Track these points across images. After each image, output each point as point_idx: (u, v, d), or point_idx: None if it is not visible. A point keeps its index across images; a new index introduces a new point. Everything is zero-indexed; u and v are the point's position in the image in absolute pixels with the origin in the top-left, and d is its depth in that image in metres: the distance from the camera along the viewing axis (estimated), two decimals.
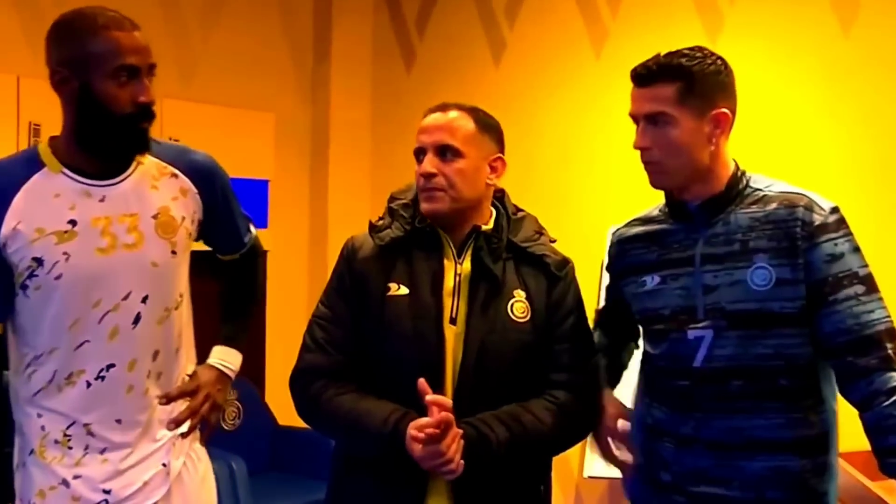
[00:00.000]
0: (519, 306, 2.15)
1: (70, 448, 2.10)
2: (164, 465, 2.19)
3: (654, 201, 4.22)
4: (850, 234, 2.01)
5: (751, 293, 2.01)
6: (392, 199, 2.26)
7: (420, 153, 2.17)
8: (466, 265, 2.15)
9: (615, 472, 3.93)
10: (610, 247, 2.31)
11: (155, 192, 2.14)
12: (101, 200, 2.07)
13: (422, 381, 1.97)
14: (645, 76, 2.07)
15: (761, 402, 2.02)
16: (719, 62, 2.06)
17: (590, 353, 2.23)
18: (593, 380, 2.21)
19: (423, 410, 1.99)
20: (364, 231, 2.23)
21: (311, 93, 5.22)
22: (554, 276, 2.19)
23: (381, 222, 2.21)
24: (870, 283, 1.98)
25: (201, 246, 2.35)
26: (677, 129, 2.02)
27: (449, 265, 2.16)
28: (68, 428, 2.10)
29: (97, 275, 2.06)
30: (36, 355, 2.09)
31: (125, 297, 2.09)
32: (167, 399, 2.15)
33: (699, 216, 2.10)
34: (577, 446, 4.38)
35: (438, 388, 2.06)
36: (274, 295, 4.58)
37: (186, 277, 2.25)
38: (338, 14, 5.21)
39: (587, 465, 4.06)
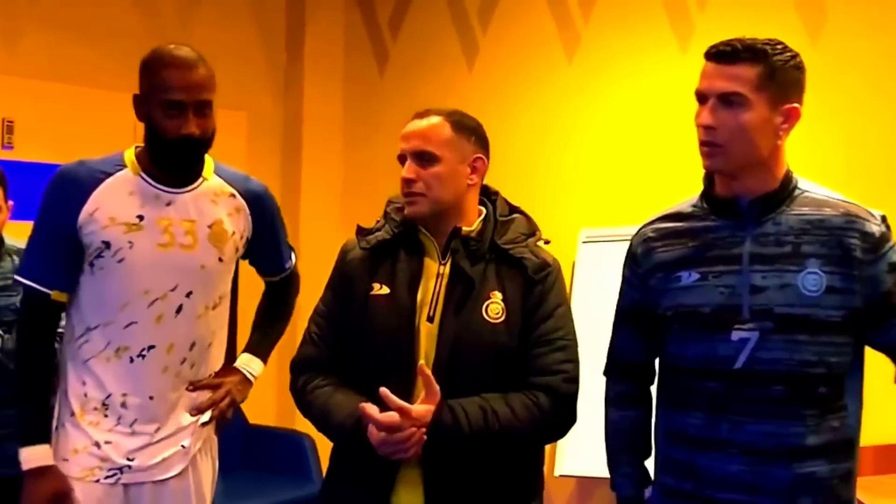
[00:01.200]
0: (494, 307, 2.20)
1: (106, 416, 2.39)
2: (183, 446, 2.46)
3: (626, 205, 4.35)
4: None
5: (801, 297, 1.98)
6: (389, 203, 2.35)
7: (402, 160, 2.24)
8: (447, 265, 2.22)
9: (587, 471, 4.03)
10: (634, 246, 2.22)
11: (213, 206, 2.47)
12: (168, 204, 2.41)
13: (383, 391, 2.04)
14: (728, 53, 1.99)
15: (800, 408, 2.00)
16: (799, 59, 2.02)
17: (571, 357, 2.24)
18: (573, 386, 2.22)
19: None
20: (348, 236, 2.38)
21: (283, 93, 5.27)
22: (532, 279, 2.22)
23: (375, 225, 2.32)
24: None
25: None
26: (750, 113, 1.97)
27: (433, 266, 2.23)
28: (107, 398, 2.38)
29: (153, 265, 2.38)
30: (89, 327, 2.39)
31: (173, 289, 2.40)
32: (194, 387, 2.46)
33: (749, 213, 2.04)
34: (548, 446, 4.47)
35: (410, 384, 2.14)
36: (245, 293, 4.60)
37: (229, 284, 2.56)
38: (311, 14, 5.26)
39: (557, 463, 4.11)
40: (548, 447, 4.37)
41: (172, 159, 2.37)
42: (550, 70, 4.70)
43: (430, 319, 2.18)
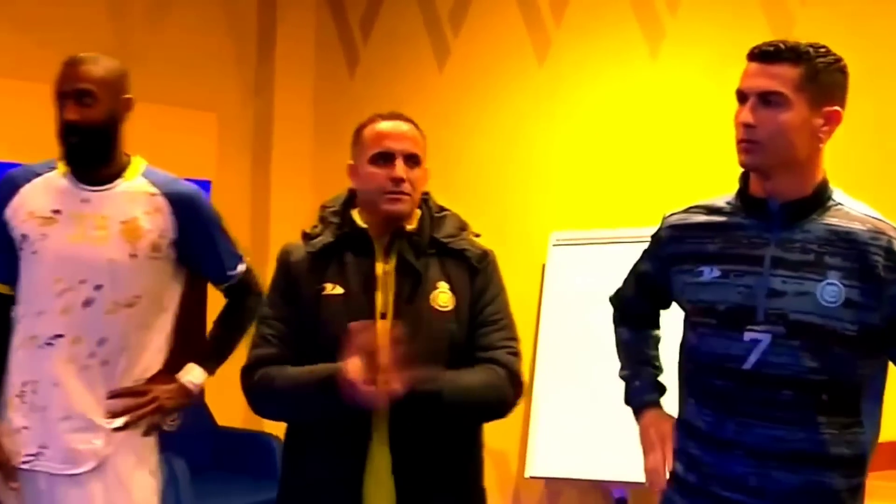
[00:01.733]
0: (443, 297, 2.32)
1: (24, 402, 2.51)
2: (94, 443, 2.49)
3: (596, 208, 4.37)
4: None
5: (818, 307, 1.99)
6: (323, 208, 2.44)
7: (386, 158, 2.29)
8: (392, 263, 2.31)
9: (556, 472, 4.07)
10: (662, 230, 2.26)
11: (130, 203, 2.55)
12: (84, 201, 2.53)
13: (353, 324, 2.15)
14: (770, 53, 2.00)
15: (808, 414, 2.01)
16: (843, 63, 2.03)
17: (513, 336, 2.37)
18: (517, 359, 2.34)
19: (365, 420, 2.21)
20: (298, 238, 2.42)
21: (253, 94, 5.28)
22: (475, 268, 2.36)
23: (314, 230, 2.39)
24: None
25: None
26: (790, 113, 1.98)
27: (380, 265, 2.31)
28: (23, 384, 2.50)
29: (64, 257, 2.50)
30: (19, 317, 2.55)
31: (82, 281, 2.49)
32: (113, 395, 2.50)
33: (777, 217, 2.05)
34: (517, 447, 4.51)
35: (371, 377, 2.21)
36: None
37: (153, 284, 2.60)
38: (282, 16, 5.27)
39: (528, 465, 4.15)
40: (518, 449, 4.48)
41: (63, 149, 2.52)
42: (521, 73, 4.73)
43: (383, 316, 2.27)
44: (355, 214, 2.35)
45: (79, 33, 4.51)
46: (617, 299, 2.45)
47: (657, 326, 2.41)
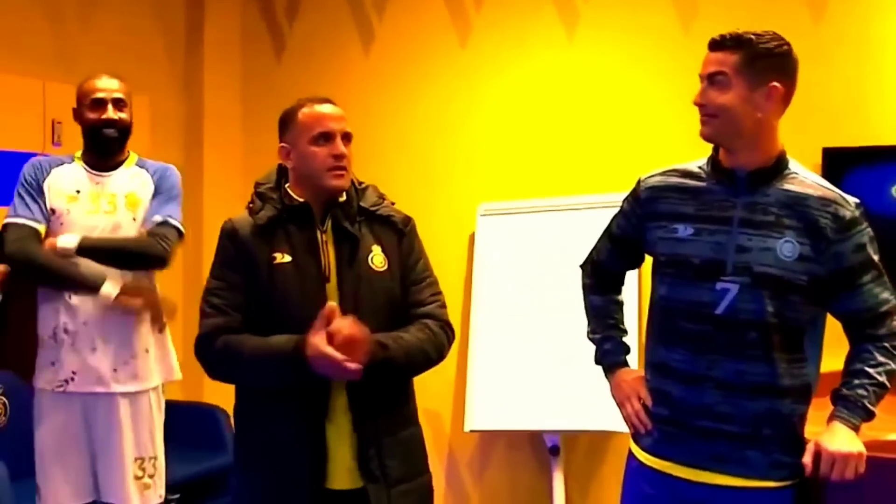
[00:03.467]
0: (377, 259, 2.60)
1: (55, 340, 3.27)
2: (114, 370, 3.28)
3: (520, 180, 4.69)
4: (868, 226, 2.34)
5: (777, 261, 2.30)
6: (258, 185, 2.65)
7: (327, 137, 2.53)
8: (329, 231, 2.56)
9: (493, 426, 4.38)
10: (640, 191, 2.53)
11: (130, 182, 3.41)
12: (97, 183, 3.39)
13: (331, 305, 2.39)
14: (717, 43, 2.35)
15: (767, 352, 2.32)
16: (786, 47, 2.33)
17: (438, 290, 2.69)
18: (445, 310, 2.66)
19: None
20: (239, 214, 2.62)
21: (183, 76, 5.37)
22: (401, 230, 2.66)
23: (254, 205, 2.61)
24: (880, 269, 2.34)
25: None
26: (730, 92, 2.31)
27: (319, 233, 2.56)
28: (55, 327, 3.27)
29: (85, 226, 3.30)
30: None
31: None
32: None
33: (743, 183, 2.36)
34: (450, 406, 4.81)
35: None
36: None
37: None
38: (210, 1, 5.38)
39: (467, 420, 4.43)
40: (452, 408, 4.77)
41: (96, 142, 3.36)
42: (444, 55, 4.98)
43: (327, 279, 2.52)
44: (289, 189, 2.58)
45: (13, 25, 4.59)
46: (588, 265, 2.73)
47: (621, 290, 2.71)
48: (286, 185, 2.59)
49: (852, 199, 2.35)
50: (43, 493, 3.27)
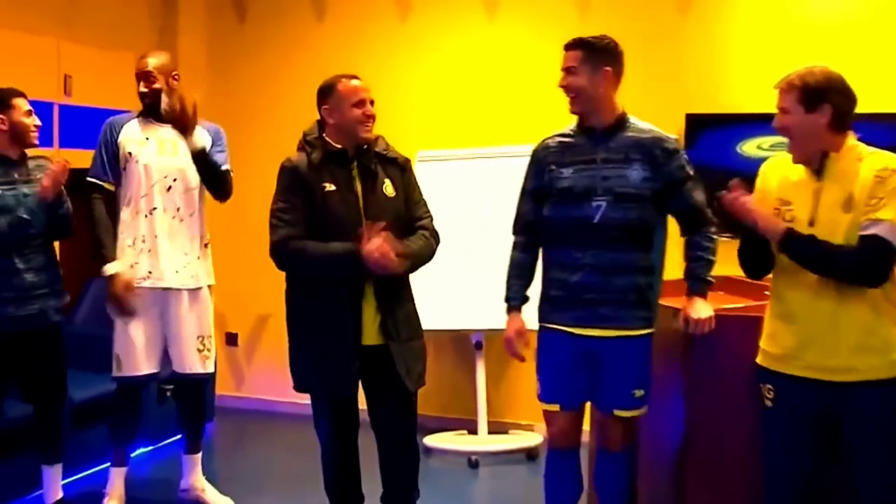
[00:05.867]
0: (388, 188, 3.61)
1: (133, 248, 4.20)
2: (176, 271, 4.24)
3: (450, 132, 5.81)
4: (684, 151, 3.43)
5: (629, 182, 3.35)
6: (306, 135, 3.63)
7: (362, 103, 3.57)
8: (356, 169, 3.57)
9: (429, 326, 5.32)
10: (538, 151, 3.54)
11: None
12: (157, 132, 4.26)
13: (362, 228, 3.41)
14: (569, 45, 3.40)
15: (628, 244, 3.37)
16: (612, 44, 3.38)
17: (428, 208, 3.72)
18: (433, 221, 3.69)
19: (360, 261, 3.42)
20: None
21: (159, 38, 6.15)
22: (403, 167, 3.70)
23: (306, 149, 3.58)
24: (695, 177, 3.40)
25: None
26: (580, 77, 3.36)
27: (352, 170, 3.58)
28: (133, 239, 4.21)
29: (155, 164, 4.23)
30: (124, 200, 4.26)
31: (165, 177, 4.25)
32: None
33: (600, 136, 3.40)
34: None
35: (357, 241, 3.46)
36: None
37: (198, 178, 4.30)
38: None
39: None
40: None
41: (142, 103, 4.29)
42: (387, 28, 5.94)
43: (360, 200, 3.55)
44: (327, 139, 3.55)
45: None
46: (519, 224, 3.62)
47: (538, 248, 3.61)
48: (324, 136, 3.57)
49: (672, 136, 3.45)
50: (122, 360, 4.22)
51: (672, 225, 3.55)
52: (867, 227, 2.86)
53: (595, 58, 3.38)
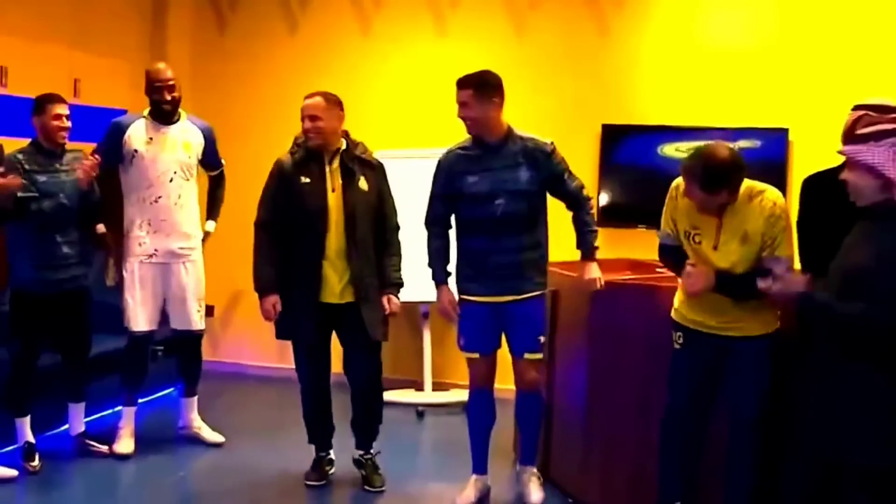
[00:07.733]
0: (363, 183, 4.49)
1: (142, 230, 5.07)
2: (180, 248, 5.13)
3: (404, 134, 6.67)
4: (558, 151, 4.23)
5: (519, 182, 4.17)
6: (296, 139, 4.56)
7: (305, 119, 4.48)
8: (335, 166, 4.46)
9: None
10: (443, 161, 4.30)
11: (185, 132, 5.14)
12: (162, 133, 5.09)
13: None
14: (461, 83, 4.19)
15: (522, 228, 4.19)
16: (494, 79, 4.17)
17: (394, 203, 4.62)
18: (397, 216, 4.62)
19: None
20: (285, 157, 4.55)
21: (150, 48, 6.90)
22: (377, 168, 4.60)
23: (293, 150, 4.53)
24: (570, 171, 4.24)
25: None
26: (472, 109, 4.16)
27: (327, 167, 4.47)
28: (141, 222, 5.08)
29: (159, 160, 5.06)
30: (131, 189, 5.10)
31: (168, 170, 5.07)
32: None
33: (494, 147, 4.19)
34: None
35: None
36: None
37: (196, 171, 5.19)
38: None
39: None
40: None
41: (158, 110, 5.06)
42: (351, 42, 6.72)
43: (334, 190, 4.43)
44: (309, 143, 4.46)
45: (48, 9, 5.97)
46: (430, 221, 4.39)
47: (448, 233, 4.41)
48: (307, 140, 4.47)
49: (549, 140, 4.24)
50: (128, 314, 5.08)
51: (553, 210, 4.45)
52: (770, 262, 3.41)
53: (482, 92, 4.15)
